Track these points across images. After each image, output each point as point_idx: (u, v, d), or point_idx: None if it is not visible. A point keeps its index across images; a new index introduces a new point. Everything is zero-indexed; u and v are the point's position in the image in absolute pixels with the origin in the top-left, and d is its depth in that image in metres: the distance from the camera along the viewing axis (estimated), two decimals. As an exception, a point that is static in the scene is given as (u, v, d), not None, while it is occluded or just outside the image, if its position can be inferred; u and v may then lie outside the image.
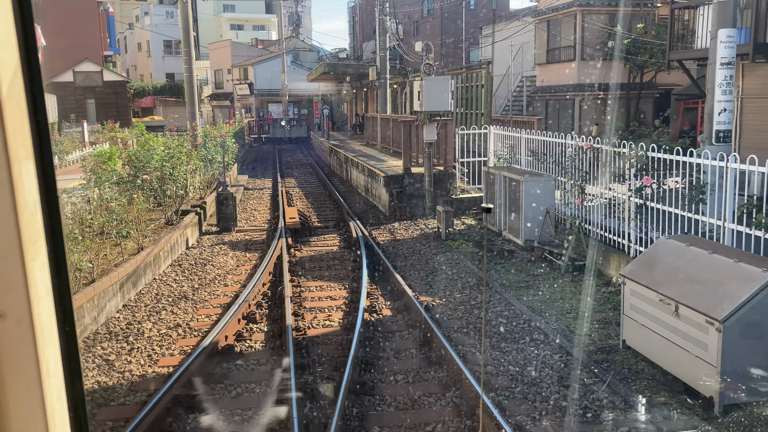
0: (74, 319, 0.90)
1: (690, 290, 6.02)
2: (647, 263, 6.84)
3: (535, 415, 5.65)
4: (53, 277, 0.84)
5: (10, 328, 0.79)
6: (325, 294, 9.46)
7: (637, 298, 6.73)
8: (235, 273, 10.74)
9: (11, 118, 0.76)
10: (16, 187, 0.77)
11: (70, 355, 0.88)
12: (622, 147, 9.24)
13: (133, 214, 11.32)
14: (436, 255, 11.60)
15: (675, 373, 6.16)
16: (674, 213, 8.45)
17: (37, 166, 0.81)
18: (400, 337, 7.68)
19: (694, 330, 5.82)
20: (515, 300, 8.76)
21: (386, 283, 9.81)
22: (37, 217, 0.81)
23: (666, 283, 6.33)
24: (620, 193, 9.44)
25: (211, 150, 18.52)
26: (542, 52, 25.97)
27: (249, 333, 7.82)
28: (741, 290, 5.55)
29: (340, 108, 48.91)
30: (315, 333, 7.81)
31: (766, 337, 5.51)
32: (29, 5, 0.80)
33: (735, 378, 5.56)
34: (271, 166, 29.21)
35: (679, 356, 6.05)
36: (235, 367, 6.83)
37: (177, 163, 13.72)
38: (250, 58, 55.09)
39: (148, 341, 7.64)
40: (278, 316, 8.35)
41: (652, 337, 6.45)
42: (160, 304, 9.06)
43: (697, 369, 5.80)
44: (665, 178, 8.81)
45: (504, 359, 6.84)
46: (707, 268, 6.09)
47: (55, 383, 0.84)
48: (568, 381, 6.32)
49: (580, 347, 7.13)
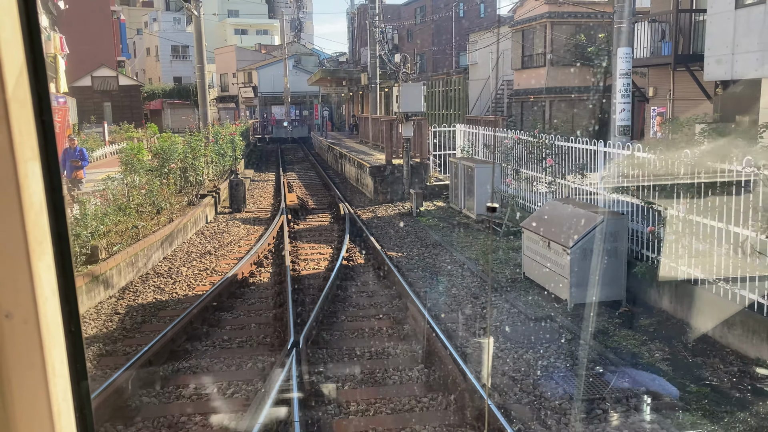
0: (80, 319, 0.89)
1: (556, 231, 8.93)
2: (537, 217, 9.76)
3: (454, 310, 8.55)
4: (59, 278, 0.84)
5: (17, 328, 0.78)
6: (315, 251, 12.40)
7: (529, 242, 9.65)
8: (246, 239, 13.68)
9: (17, 119, 0.76)
10: (22, 188, 0.77)
11: (76, 356, 0.87)
12: (539, 138, 12.15)
13: (164, 194, 14.26)
14: (406, 227, 14.52)
15: (548, 289, 9.07)
16: (570, 185, 11.36)
17: (42, 167, 0.81)
18: (367, 273, 10.62)
19: (557, 257, 8.73)
20: (459, 254, 11.67)
21: (363, 244, 12.73)
22: (43, 218, 0.81)
23: (545, 228, 9.24)
24: (538, 173, 12.36)
25: (223, 146, 21.45)
26: (518, 58, 28.83)
27: (259, 272, 10.77)
28: (583, 228, 8.47)
29: (340, 109, 51.88)
30: (306, 273, 10.74)
31: (594, 258, 8.41)
32: (34, 6, 0.79)
33: (580, 286, 8.46)
34: (274, 162, 32.15)
35: (550, 276, 8.96)
36: (248, 290, 9.78)
37: (197, 154, 16.66)
38: (254, 62, 58.15)
39: (185, 278, 10.59)
40: (280, 263, 11.28)
41: (538, 267, 9.36)
42: (191, 257, 12.02)
43: (558, 282, 8.71)
44: (568, 161, 11.71)
45: (438, 286, 9.76)
46: (568, 217, 9.00)
47: (61, 384, 0.84)
48: (480, 296, 9.22)
49: (494, 280, 10.04)
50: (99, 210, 11.23)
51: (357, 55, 57.08)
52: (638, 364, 6.75)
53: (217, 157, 20.50)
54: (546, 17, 26.31)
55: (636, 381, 6.25)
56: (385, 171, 18.61)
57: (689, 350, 7.08)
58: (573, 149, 11.32)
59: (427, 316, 7.77)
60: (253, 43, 72.14)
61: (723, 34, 15.00)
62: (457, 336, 7.66)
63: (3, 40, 0.75)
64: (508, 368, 6.71)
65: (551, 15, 26.20)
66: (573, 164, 11.14)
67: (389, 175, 18.58)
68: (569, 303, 8.48)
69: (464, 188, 15.41)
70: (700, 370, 6.59)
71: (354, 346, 7.51)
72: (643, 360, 6.88)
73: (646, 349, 7.16)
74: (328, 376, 6.65)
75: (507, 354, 7.09)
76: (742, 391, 6.06)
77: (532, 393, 6.12)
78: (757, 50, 14.11)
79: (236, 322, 8.48)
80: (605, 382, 6.25)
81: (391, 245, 12.63)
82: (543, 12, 26.68)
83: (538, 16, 26.82)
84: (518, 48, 28.82)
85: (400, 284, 9.41)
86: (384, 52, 25.52)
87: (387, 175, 18.58)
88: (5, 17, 0.75)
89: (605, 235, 8.33)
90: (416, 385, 6.44)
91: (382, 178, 18.51)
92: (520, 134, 13.35)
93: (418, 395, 6.20)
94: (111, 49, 48.64)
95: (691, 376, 6.45)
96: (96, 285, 9.36)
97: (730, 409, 5.73)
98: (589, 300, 8.46)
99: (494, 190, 14.12)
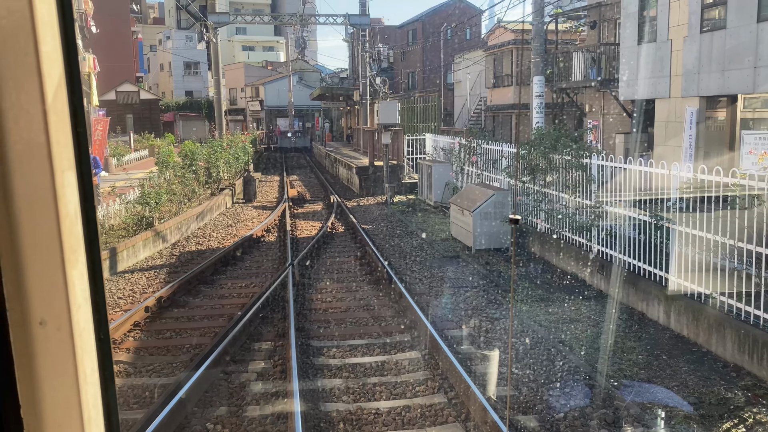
0: (108, 327, 0.90)
1: (468, 203, 13.31)
2: (459, 195, 14.16)
3: (399, 254, 12.92)
4: (91, 285, 0.85)
5: (50, 336, 0.79)
6: (309, 224, 16.82)
7: (454, 212, 14.04)
8: (258, 218, 18.10)
9: (55, 130, 0.78)
10: (58, 197, 0.78)
11: (105, 363, 0.88)
12: (470, 143, 16.56)
13: (195, 185, 18.71)
14: (380, 211, 18.93)
15: (463, 241, 13.44)
16: (486, 174, 15.75)
17: (78, 177, 0.82)
18: (345, 236, 15.05)
19: (466, 219, 13.11)
20: (413, 227, 16.03)
21: (345, 221, 17.14)
22: (78, 227, 0.82)
23: (462, 202, 13.62)
24: (473, 168, 16.76)
25: (237, 150, 25.96)
26: (491, 78, 33.30)
27: (268, 234, 15.21)
28: (481, 200, 12.86)
29: (339, 121, 56.52)
30: (301, 236, 15.16)
31: (491, 219, 12.79)
32: (72, 21, 0.81)
33: (479, 237, 12.82)
34: (279, 167, 36.67)
35: (464, 233, 13.33)
36: (261, 243, 14.22)
37: (218, 156, 21.15)
38: (260, 78, 62.95)
39: (215, 238, 15.01)
40: (283, 230, 15.69)
41: (457, 228, 13.74)
42: (218, 227, 16.47)
43: (468, 236, 13.08)
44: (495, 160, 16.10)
45: (392, 242, 14.14)
46: (477, 194, 13.39)
47: (92, 391, 0.85)
48: (418, 247, 13.58)
49: (430, 239, 14.42)
50: (154, 193, 15.66)
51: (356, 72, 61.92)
52: (505, 275, 11.11)
53: (233, 159, 24.99)
54: (512, 44, 30.81)
55: (496, 283, 10.61)
56: (369, 171, 23.06)
57: (538, 270, 11.43)
58: (491, 150, 15.72)
59: (376, 252, 12.17)
60: (260, 59, 77.08)
61: (630, 64, 19.44)
62: (393, 262, 12.04)
63: (44, 53, 0.76)
64: (424, 276, 11.08)
65: (516, 42, 30.69)
66: (489, 160, 15.54)
67: (372, 174, 23.02)
68: (473, 249, 12.85)
69: (427, 183, 19.81)
70: (543, 276, 10.94)
71: (329, 267, 11.92)
72: (509, 274, 11.24)
73: (516, 269, 11.53)
74: (309, 276, 11.07)
75: (424, 269, 11.47)
76: (559, 285, 10.41)
77: (430, 277, 10.50)
78: (651, 77, 18.51)
79: (254, 258, 12.92)
80: (475, 276, 10.61)
81: (365, 221, 17.04)
82: (510, 39, 31.23)
83: (505, 43, 31.34)
84: (491, 70, 33.32)
85: (365, 241, 13.78)
86: (373, 73, 30.01)
87: (370, 174, 23.03)
88: (47, 31, 0.77)
89: (495, 204, 12.72)
90: (362, 281, 10.83)
91: (365, 177, 22.95)
92: (461, 140, 17.76)
93: (360, 283, 10.58)
94: (131, 65, 53.48)
95: (537, 280, 10.80)
96: (157, 239, 13.78)
97: (552, 296, 10.09)
98: (486, 247, 12.84)
99: (448, 182, 18.52)
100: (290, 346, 7.19)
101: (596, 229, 10.38)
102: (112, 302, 9.88)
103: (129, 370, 7.24)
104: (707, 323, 7.50)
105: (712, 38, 15.10)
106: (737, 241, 7.25)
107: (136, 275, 11.57)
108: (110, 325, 8.14)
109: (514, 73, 30.86)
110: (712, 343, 7.39)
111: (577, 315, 8.89)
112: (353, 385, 6.68)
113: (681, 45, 16.28)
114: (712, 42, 15.09)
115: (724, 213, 7.46)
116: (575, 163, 10.92)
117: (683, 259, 8.11)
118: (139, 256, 12.80)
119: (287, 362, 7.03)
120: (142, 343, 8.14)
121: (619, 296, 9.32)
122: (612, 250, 9.88)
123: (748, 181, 7.19)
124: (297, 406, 5.67)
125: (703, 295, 7.70)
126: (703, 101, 15.75)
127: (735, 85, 14.36)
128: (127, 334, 8.38)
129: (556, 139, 11.43)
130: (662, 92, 17.51)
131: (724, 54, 14.70)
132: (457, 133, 26.34)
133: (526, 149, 12.48)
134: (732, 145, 14.88)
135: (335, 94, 40.65)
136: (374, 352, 7.71)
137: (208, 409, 6.16)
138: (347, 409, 6.11)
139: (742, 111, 14.90)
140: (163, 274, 11.70)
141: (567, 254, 11.19)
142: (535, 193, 12.49)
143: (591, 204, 10.56)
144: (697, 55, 15.62)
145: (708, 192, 7.88)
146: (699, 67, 15.55)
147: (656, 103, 18.51)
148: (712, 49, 15.11)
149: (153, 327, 8.72)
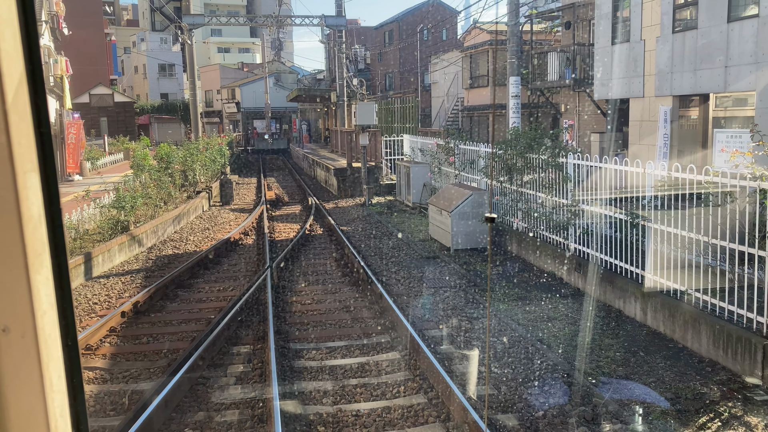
0: (76, 333, 0.87)
1: (446, 203, 13.34)
2: (437, 196, 14.19)
3: (376, 255, 12.91)
4: (57, 291, 0.82)
5: (14, 343, 0.77)
6: (287, 227, 16.74)
7: (432, 212, 14.06)
8: (235, 221, 17.98)
9: (16, 130, 0.75)
10: (21, 199, 0.76)
11: (73, 370, 0.85)
12: (446, 143, 16.61)
13: (171, 188, 18.53)
14: (358, 212, 18.91)
15: (441, 241, 13.46)
16: (464, 174, 15.81)
17: (41, 179, 0.79)
18: (323, 237, 15.00)
19: (444, 219, 13.13)
20: (392, 227, 16.03)
21: (323, 222, 17.08)
22: (42, 230, 0.79)
23: (440, 202, 13.65)
24: (451, 169, 16.81)
25: (213, 153, 25.76)
26: (467, 79, 33.43)
27: (245, 237, 15.10)
28: (458, 200, 12.89)
29: (317, 123, 56.37)
30: (279, 238, 15.07)
31: (469, 219, 12.83)
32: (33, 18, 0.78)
33: (457, 237, 12.85)
34: (256, 169, 36.47)
35: (442, 233, 13.35)
36: (239, 246, 14.11)
37: (194, 159, 20.97)
38: (236, 79, 62.57)
39: (192, 242, 14.88)
40: (260, 232, 15.60)
41: (435, 228, 13.76)
42: (195, 230, 16.32)
43: (446, 236, 13.11)
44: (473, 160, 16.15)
45: (370, 243, 14.12)
46: (454, 194, 13.42)
47: (59, 399, 0.82)
48: (396, 248, 13.58)
49: (409, 240, 14.42)
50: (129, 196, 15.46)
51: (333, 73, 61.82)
52: (483, 275, 11.15)
53: (210, 161, 24.79)
54: (488, 44, 30.97)
55: (474, 282, 10.65)
56: (347, 172, 23.02)
57: (516, 269, 11.49)
58: (468, 150, 15.78)
59: (354, 253, 12.15)
60: (236, 61, 76.63)
61: (604, 63, 19.62)
62: (372, 263, 12.03)
63: (3, 50, 0.74)
64: (402, 276, 11.08)
65: (492, 43, 30.85)
66: (467, 161, 15.58)
67: (350, 176, 22.98)
68: (451, 249, 12.88)
69: (405, 183, 19.83)
70: (520, 275, 10.99)
71: (308, 269, 11.87)
72: (485, 273, 11.28)
73: (493, 268, 11.56)
74: (288, 278, 11.00)
75: (402, 270, 11.47)
76: (536, 283, 10.47)
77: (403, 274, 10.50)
78: (625, 76, 18.69)
79: (231, 261, 12.82)
80: (454, 276, 10.64)
81: (344, 222, 17.01)
82: (486, 40, 31.39)
83: (481, 44, 31.49)
84: (467, 70, 33.47)
85: (344, 242, 13.75)
86: (350, 74, 29.99)
87: (348, 175, 22.99)
88: (5, 28, 0.74)
89: (473, 204, 12.76)
90: (341, 282, 10.80)
91: (344, 178, 22.91)
92: (438, 141, 17.80)
93: (339, 284, 10.55)
94: (105, 68, 52.85)
95: (514, 279, 10.85)
96: (132, 243, 13.62)
97: (529, 294, 10.14)
98: (464, 247, 12.88)
99: (426, 183, 18.55)
100: (269, 349, 7.15)
101: (573, 227, 10.47)
102: (88, 308, 9.75)
103: (105, 377, 7.13)
104: (683, 319, 7.59)
105: (684, 38, 15.32)
106: (711, 237, 7.35)
107: (112, 280, 11.42)
108: (86, 330, 8.03)
109: (490, 74, 31.03)
110: (688, 339, 7.49)
111: (555, 313, 8.95)
112: (333, 387, 6.65)
113: (654, 45, 16.49)
114: (684, 42, 15.30)
115: (698, 210, 7.56)
116: (551, 162, 11.00)
117: (659, 257, 8.21)
118: (114, 260, 12.65)
119: (266, 365, 6.99)
120: (118, 348, 8.03)
121: (596, 294, 9.40)
122: (588, 248, 9.96)
123: (721, 179, 7.30)
124: (276, 409, 5.64)
125: (679, 291, 7.79)
126: (676, 100, 15.96)
127: (707, 84, 14.57)
128: (103, 340, 8.26)
129: (533, 139, 11.50)
130: (636, 92, 17.71)
131: (695, 54, 14.92)
132: (434, 133, 26.40)
133: (502, 149, 12.55)
134: (705, 144, 15.10)
135: (312, 96, 40.54)
136: (354, 353, 7.69)
137: (187, 414, 6.10)
138: (327, 411, 6.08)
139: (714, 110, 15.12)
140: (139, 278, 11.57)
141: (544, 253, 11.26)
142: (512, 193, 12.56)
143: (567, 203, 10.64)
144: (669, 54, 15.83)
145: (682, 190, 7.98)
146: (672, 66, 15.76)
147: (631, 102, 18.70)
148: (684, 49, 15.32)
149: (129, 332, 8.62)
